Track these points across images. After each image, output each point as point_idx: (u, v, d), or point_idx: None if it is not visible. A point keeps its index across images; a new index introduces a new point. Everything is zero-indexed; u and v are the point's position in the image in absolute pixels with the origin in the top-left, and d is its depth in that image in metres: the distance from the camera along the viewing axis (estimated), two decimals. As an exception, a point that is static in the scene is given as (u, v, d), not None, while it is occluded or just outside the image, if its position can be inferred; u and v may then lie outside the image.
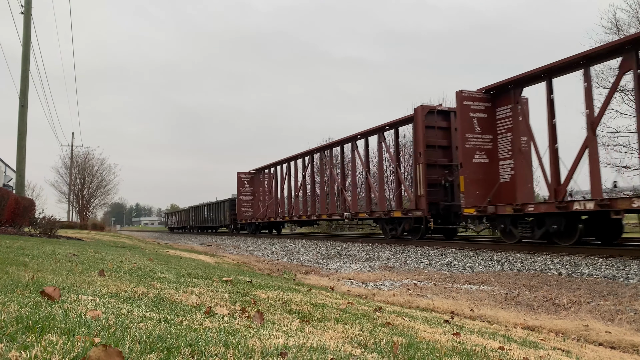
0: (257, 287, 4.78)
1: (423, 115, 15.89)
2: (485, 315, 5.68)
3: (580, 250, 10.84)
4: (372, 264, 12.01)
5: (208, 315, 2.65)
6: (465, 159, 13.35)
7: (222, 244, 24.47)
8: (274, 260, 14.39)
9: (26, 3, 17.08)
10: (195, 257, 11.88)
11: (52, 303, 2.35)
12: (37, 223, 13.95)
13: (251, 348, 1.89)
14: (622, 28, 19.69)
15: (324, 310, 3.60)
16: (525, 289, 7.63)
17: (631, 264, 8.85)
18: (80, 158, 47.06)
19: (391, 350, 2.29)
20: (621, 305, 6.18)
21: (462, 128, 13.41)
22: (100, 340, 1.70)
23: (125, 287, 3.38)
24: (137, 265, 5.97)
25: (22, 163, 16.72)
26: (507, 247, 12.63)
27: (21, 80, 16.75)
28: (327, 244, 18.91)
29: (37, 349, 1.51)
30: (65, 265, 4.64)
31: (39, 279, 3.27)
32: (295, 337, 2.32)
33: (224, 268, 9.07)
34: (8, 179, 39.83)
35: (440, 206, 15.69)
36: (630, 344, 4.42)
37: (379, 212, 18.23)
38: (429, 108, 16.19)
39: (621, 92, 19.42)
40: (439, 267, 10.87)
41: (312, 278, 9.60)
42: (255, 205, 32.15)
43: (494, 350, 2.81)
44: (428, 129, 15.96)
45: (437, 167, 16.04)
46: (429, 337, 3.02)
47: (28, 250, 6.11)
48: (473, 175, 13.32)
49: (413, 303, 6.47)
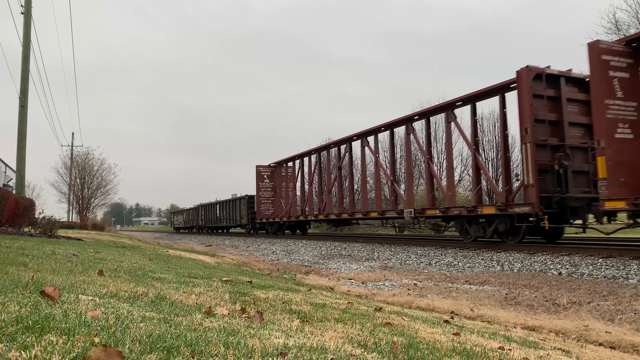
0: (257, 287, 4.78)
1: (529, 80, 12.25)
2: (485, 315, 5.68)
3: (580, 250, 10.84)
4: (372, 264, 12.01)
5: (208, 315, 2.65)
6: (605, 133, 10.05)
7: (222, 244, 24.47)
8: (274, 260, 14.39)
9: (26, 3, 17.08)
10: (195, 257, 11.87)
11: (52, 303, 2.35)
12: (37, 223, 13.96)
13: (251, 348, 1.89)
14: (622, 28, 19.70)
15: (324, 310, 3.60)
16: (525, 289, 7.63)
17: (631, 264, 8.85)
18: (80, 158, 47.12)
19: (391, 350, 2.29)
20: (621, 305, 6.18)
21: (599, 92, 10.21)
22: (100, 340, 1.70)
23: (125, 287, 3.38)
24: (137, 265, 5.97)
25: (22, 163, 16.72)
26: (507, 247, 12.62)
27: (21, 81, 16.75)
28: (327, 244, 18.91)
29: (37, 349, 1.51)
30: (65, 266, 4.64)
31: (39, 279, 3.27)
32: (295, 337, 2.32)
33: (224, 268, 9.07)
34: (8, 179, 39.84)
35: (554, 199, 12.06)
36: (631, 344, 4.42)
37: (458, 208, 14.79)
38: (537, 71, 12.44)
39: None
40: (439, 267, 10.87)
41: (312, 278, 9.60)
42: (277, 203, 29.03)
43: (494, 350, 2.81)
44: (536, 99, 12.38)
45: (548, 149, 12.44)
46: (429, 337, 3.02)
47: (28, 250, 6.11)
48: (617, 156, 10.05)
49: (413, 303, 6.47)
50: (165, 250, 14.50)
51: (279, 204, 28.76)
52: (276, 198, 29.24)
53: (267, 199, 29.53)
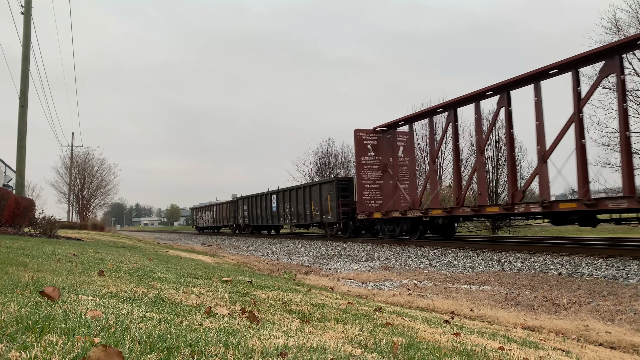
0: (257, 287, 4.78)
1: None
2: (485, 316, 5.68)
3: (580, 250, 10.84)
4: (372, 264, 12.01)
5: (208, 316, 2.65)
6: None
7: (222, 244, 24.48)
8: (274, 260, 14.39)
9: (26, 3, 17.08)
10: (195, 257, 11.87)
11: (52, 303, 2.35)
12: (37, 223, 13.96)
13: (251, 348, 1.89)
14: (622, 28, 19.68)
15: (324, 311, 3.60)
16: (525, 289, 7.63)
17: (631, 264, 8.85)
18: (80, 158, 47.07)
19: (391, 351, 2.29)
20: (621, 305, 6.18)
21: None
22: (100, 341, 1.70)
23: (125, 287, 3.38)
24: (137, 265, 5.97)
25: (22, 163, 16.72)
26: (507, 247, 12.63)
27: (21, 81, 16.75)
28: (327, 244, 18.90)
29: (37, 349, 1.51)
30: (65, 266, 4.64)
31: (38, 279, 3.27)
32: (295, 337, 2.32)
33: (224, 268, 9.07)
34: (8, 179, 39.83)
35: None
36: (631, 344, 4.42)
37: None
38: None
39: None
40: (439, 267, 10.87)
41: (312, 278, 9.60)
42: (386, 188, 18.68)
43: (494, 350, 2.81)
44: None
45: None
46: (429, 337, 3.02)
47: (28, 251, 6.11)
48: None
49: (413, 303, 6.47)
50: (165, 250, 14.50)
51: (390, 189, 18.46)
52: (384, 181, 18.84)
53: (372, 182, 18.84)
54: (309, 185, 24.52)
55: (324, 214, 21.90)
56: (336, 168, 40.80)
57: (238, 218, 34.44)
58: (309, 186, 24.20)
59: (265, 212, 29.17)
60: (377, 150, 18.96)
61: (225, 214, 37.45)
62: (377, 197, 18.85)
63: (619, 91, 10.92)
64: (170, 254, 11.81)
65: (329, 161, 41.54)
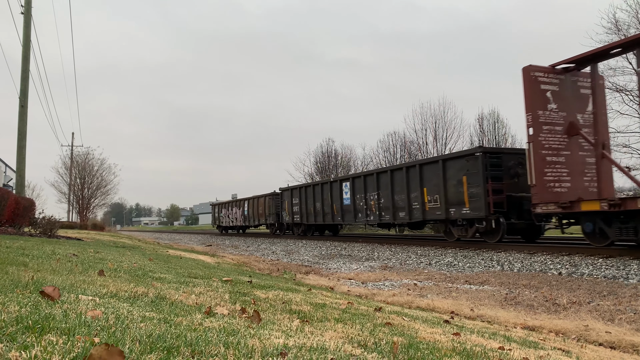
0: (257, 287, 4.78)
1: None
2: (485, 315, 5.68)
3: (580, 250, 10.84)
4: (372, 264, 12.01)
5: (208, 315, 2.65)
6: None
7: (222, 244, 24.47)
8: (274, 260, 14.39)
9: (26, 3, 17.08)
10: (195, 257, 11.87)
11: (52, 303, 2.35)
12: (37, 223, 13.96)
13: (251, 348, 1.89)
14: (622, 28, 19.70)
15: (324, 310, 3.60)
16: (525, 289, 7.63)
17: (631, 264, 8.85)
18: (80, 158, 47.06)
19: (391, 350, 2.29)
20: (621, 305, 6.18)
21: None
22: (100, 340, 1.70)
23: (125, 287, 3.38)
24: (137, 265, 5.97)
25: (22, 163, 16.72)
26: (507, 247, 12.62)
27: (21, 81, 16.76)
28: (327, 244, 18.91)
29: (37, 349, 1.51)
30: (65, 265, 4.64)
31: (39, 279, 3.27)
32: (295, 337, 2.32)
33: (224, 268, 9.07)
34: (8, 179, 39.83)
35: None
36: (631, 344, 4.42)
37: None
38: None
39: (622, 93, 19.43)
40: (439, 267, 10.87)
41: (312, 278, 9.60)
42: (575, 162, 11.69)
43: (494, 350, 2.81)
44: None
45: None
46: (429, 337, 3.02)
47: (28, 250, 6.11)
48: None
49: (413, 303, 6.47)
50: (165, 250, 14.50)
51: (594, 164, 11.74)
52: (573, 151, 11.80)
53: (557, 152, 11.62)
54: (419, 163, 15.83)
55: (452, 207, 14.31)
56: (336, 168, 40.76)
57: (283, 215, 26.98)
58: (417, 165, 15.77)
59: (328, 206, 21.43)
60: (560, 101, 11.82)
61: (263, 210, 29.86)
62: (563, 177, 11.60)
63: None
64: (170, 254, 11.81)
65: (329, 161, 41.51)
